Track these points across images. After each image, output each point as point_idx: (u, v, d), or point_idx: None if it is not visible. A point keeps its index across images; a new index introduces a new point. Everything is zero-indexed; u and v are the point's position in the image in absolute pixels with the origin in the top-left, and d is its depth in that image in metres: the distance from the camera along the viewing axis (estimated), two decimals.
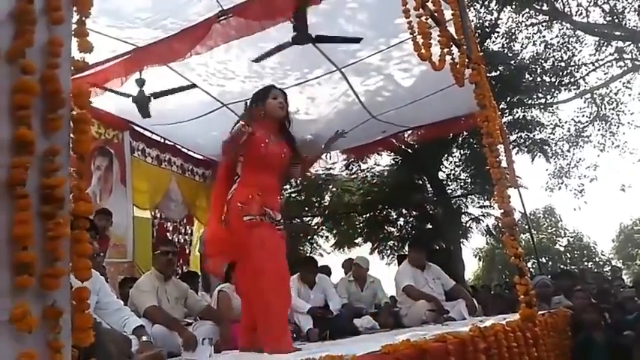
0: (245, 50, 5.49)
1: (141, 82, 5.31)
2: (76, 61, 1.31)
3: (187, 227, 8.09)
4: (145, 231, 7.05)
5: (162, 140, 7.58)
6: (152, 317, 3.86)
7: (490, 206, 14.18)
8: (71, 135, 1.26)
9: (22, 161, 1.11)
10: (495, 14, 15.04)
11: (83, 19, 1.33)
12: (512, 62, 14.17)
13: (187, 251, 7.95)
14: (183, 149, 8.00)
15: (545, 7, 15.91)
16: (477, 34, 9.65)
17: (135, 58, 5.06)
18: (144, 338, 3.26)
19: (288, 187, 14.51)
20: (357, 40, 5.19)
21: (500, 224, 9.75)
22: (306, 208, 15.53)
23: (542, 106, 15.64)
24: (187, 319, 4.46)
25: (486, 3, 14.73)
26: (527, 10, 15.82)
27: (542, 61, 15.92)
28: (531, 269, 12.28)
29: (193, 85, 5.87)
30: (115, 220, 6.36)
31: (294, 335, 4.86)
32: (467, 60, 4.14)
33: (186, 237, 8.03)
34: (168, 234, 7.51)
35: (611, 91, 16.87)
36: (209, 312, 4.45)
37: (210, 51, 5.04)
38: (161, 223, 7.59)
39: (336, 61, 5.93)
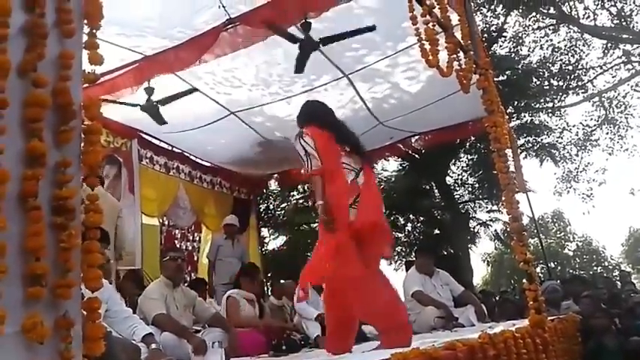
0: (253, 58, 5.52)
1: (150, 91, 5.35)
2: (87, 73, 1.32)
3: (195, 234, 8.12)
4: (153, 239, 7.08)
5: (170, 148, 7.63)
6: (161, 325, 3.86)
7: (498, 211, 14.16)
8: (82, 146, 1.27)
9: (34, 173, 1.12)
10: (502, 18, 15.06)
11: (94, 31, 1.34)
12: (520, 66, 14.16)
13: (195, 258, 7.98)
14: (192, 156, 8.03)
15: (552, 11, 15.90)
16: (483, 39, 9.65)
17: (143, 67, 5.10)
18: (153, 346, 3.27)
19: (295, 193, 14.54)
20: (371, 29, 5.04)
21: (508, 229, 9.70)
22: (314, 214, 15.53)
23: (550, 110, 15.61)
24: (196, 326, 4.47)
25: (493, 7, 14.74)
26: (534, 13, 15.81)
27: (550, 65, 15.90)
28: (540, 274, 12.23)
29: (194, 90, 5.89)
30: (124, 227, 6.40)
31: (302, 342, 4.87)
32: (474, 66, 4.14)
33: (194, 244, 8.07)
34: (176, 241, 7.54)
35: (619, 94, 16.84)
36: (217, 319, 4.46)
37: (217, 59, 5.08)
38: (169, 231, 7.62)
39: (343, 67, 5.95)
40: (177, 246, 7.32)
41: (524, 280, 3.99)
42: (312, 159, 3.32)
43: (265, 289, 8.12)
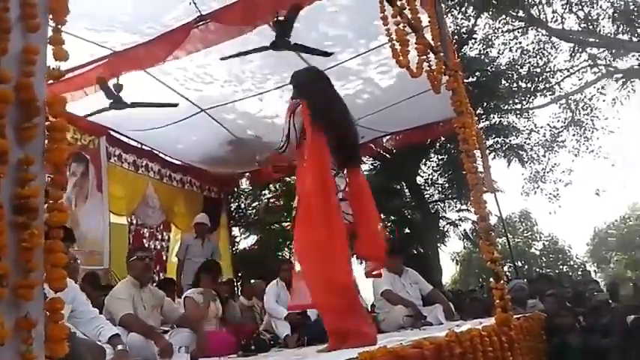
0: (224, 54, 5.48)
1: (118, 88, 5.27)
2: (52, 69, 1.29)
3: (164, 233, 8.04)
4: (121, 237, 6.98)
5: (139, 146, 7.53)
6: (128, 325, 3.81)
7: (467, 210, 14.33)
8: (46, 143, 1.25)
9: None
10: (472, 20, 15.26)
11: (59, 26, 1.32)
12: (489, 68, 14.37)
13: (164, 258, 7.89)
14: (161, 154, 7.94)
15: (521, 14, 16.17)
16: (454, 41, 9.77)
17: (112, 63, 5.02)
18: (119, 347, 3.23)
19: (266, 192, 14.49)
20: (327, 54, 5.30)
21: (477, 228, 9.85)
22: (285, 214, 15.51)
23: (518, 112, 15.88)
24: (164, 326, 4.42)
25: (463, 9, 14.92)
26: (503, 16, 16.05)
27: (519, 67, 16.18)
28: (507, 273, 12.42)
29: (175, 105, 5.86)
30: (91, 226, 6.30)
31: (272, 342, 4.86)
32: (444, 67, 4.19)
33: (163, 243, 7.98)
34: (144, 240, 7.45)
35: (585, 97, 17.20)
36: (186, 320, 4.41)
37: (189, 55, 5.03)
38: (137, 230, 7.52)
39: (315, 64, 5.94)
40: (146, 245, 7.23)
41: (491, 279, 4.04)
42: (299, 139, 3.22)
43: (235, 288, 8.07)
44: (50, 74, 1.31)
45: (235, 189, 11.39)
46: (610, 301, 6.84)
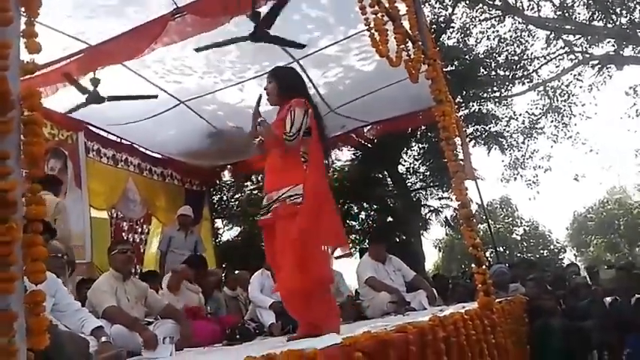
0: (202, 44, 5.44)
1: (95, 82, 5.22)
2: (26, 63, 1.28)
3: (144, 226, 7.98)
4: (103, 231, 6.93)
5: (118, 140, 7.46)
6: (111, 317, 3.80)
7: (449, 198, 14.45)
8: (22, 138, 1.24)
9: None
10: (450, 10, 15.30)
11: (32, 19, 1.31)
12: (467, 57, 14.44)
13: (142, 250, 7.83)
14: (141, 148, 7.88)
15: (497, 2, 16.26)
16: (432, 30, 9.81)
17: (88, 58, 4.96)
18: (103, 339, 3.22)
19: (249, 183, 14.47)
20: (302, 46, 5.34)
21: (458, 215, 9.95)
22: None
23: (497, 100, 16.00)
24: (148, 318, 4.42)
25: None
26: (480, 5, 16.13)
27: (496, 55, 16.27)
28: (489, 258, 12.58)
29: (155, 96, 5.81)
30: (72, 221, 6.24)
31: (257, 331, 4.88)
32: (422, 56, 4.21)
33: (142, 236, 7.92)
34: (124, 234, 7.39)
35: (562, 84, 17.34)
36: (170, 311, 4.41)
37: (166, 47, 4.98)
38: (117, 223, 7.47)
39: (294, 53, 5.93)
40: (125, 238, 7.17)
41: (473, 265, 4.10)
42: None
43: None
44: (24, 68, 1.30)
45: (217, 181, 11.34)
46: (589, 284, 6.96)
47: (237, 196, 15.03)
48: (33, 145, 1.23)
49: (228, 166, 9.39)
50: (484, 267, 4.03)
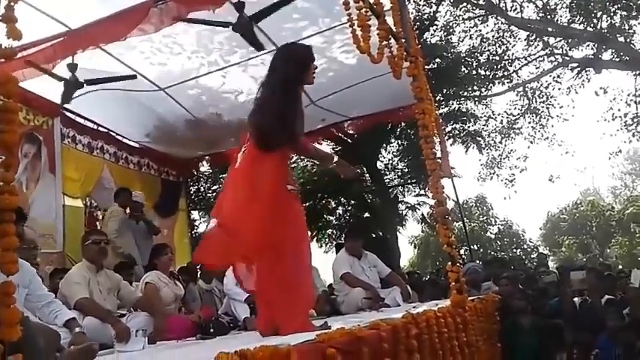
0: (192, 25, 5.37)
1: (73, 67, 5.12)
2: (4, 48, 1.25)
3: None
4: (76, 220, 6.82)
5: (95, 127, 7.34)
6: (84, 309, 3.76)
7: (425, 195, 14.57)
8: None
9: None
10: (434, 7, 15.37)
11: (11, 4, 1.28)
12: (449, 55, 14.53)
13: None
14: (118, 137, 7.76)
15: (481, 2, 16.38)
16: (415, 27, 9.84)
17: (68, 42, 4.85)
18: (77, 330, 3.18)
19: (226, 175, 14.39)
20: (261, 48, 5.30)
21: (434, 213, 10.04)
22: None
23: (476, 99, 16.14)
24: (121, 310, 4.37)
25: None
26: (464, 4, 16.23)
27: (478, 55, 16.43)
28: (463, 256, 12.73)
29: (133, 77, 5.72)
30: (43, 209, 6.14)
31: (231, 324, 4.86)
32: (405, 53, 4.21)
33: None
34: (98, 223, 7.28)
35: (541, 85, 17.57)
36: (143, 303, 4.37)
37: (147, 35, 4.90)
38: (91, 212, 7.37)
39: (279, 40, 5.90)
40: (99, 228, 7.07)
41: (448, 262, 4.13)
42: None
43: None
44: (2, 53, 1.27)
45: (195, 172, 11.24)
46: (558, 283, 7.06)
47: (214, 187, 14.94)
48: (7, 133, 1.21)
49: (207, 157, 9.31)
50: (458, 265, 4.07)
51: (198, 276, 6.67)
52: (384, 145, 14.42)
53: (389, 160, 15.25)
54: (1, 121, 1.24)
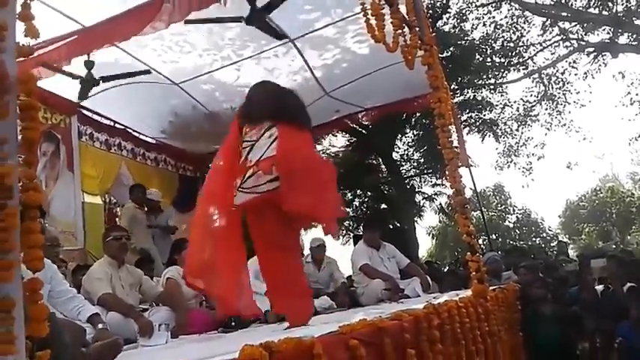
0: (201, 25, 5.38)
1: (89, 65, 5.16)
2: (22, 46, 1.26)
3: None
4: (96, 217, 6.89)
5: (112, 124, 7.40)
6: (106, 304, 3.80)
7: (442, 185, 14.49)
8: (19, 122, 1.22)
9: None
10: None
11: (28, 2, 1.28)
12: (463, 43, 14.39)
13: None
14: (135, 133, 7.82)
15: None
16: (428, 15, 9.75)
17: (82, 40, 4.88)
18: (100, 326, 3.22)
19: None
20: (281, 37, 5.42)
21: (452, 203, 9.99)
22: None
23: (491, 87, 15.97)
24: (142, 305, 4.41)
25: None
26: None
27: (492, 42, 16.22)
28: (482, 246, 12.64)
29: (147, 72, 5.75)
30: (63, 206, 6.21)
31: (252, 318, 4.87)
32: (419, 42, 4.18)
33: None
34: (117, 219, 7.35)
35: (557, 71, 17.31)
36: (164, 298, 4.41)
37: (165, 29, 4.91)
38: (111, 209, 7.44)
39: (292, 31, 5.89)
40: (119, 224, 7.14)
41: (467, 252, 4.11)
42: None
43: None
44: (20, 51, 1.28)
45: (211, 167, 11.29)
46: (579, 271, 6.99)
47: None
48: (30, 131, 1.21)
49: None
50: (478, 255, 4.05)
51: None
52: (400, 135, 14.36)
53: (404, 150, 15.18)
54: (23, 118, 1.25)
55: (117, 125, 7.48)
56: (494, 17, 16.58)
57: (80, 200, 6.60)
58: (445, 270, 9.29)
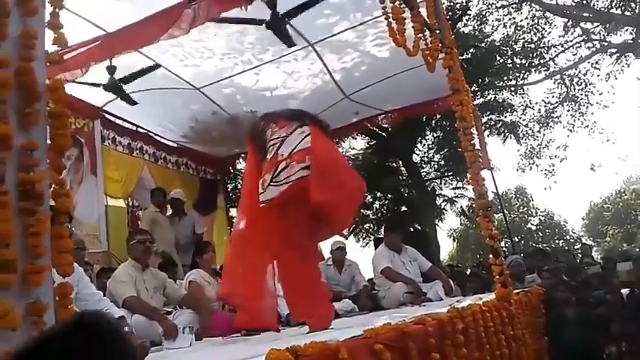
0: (222, 27, 5.41)
1: (112, 70, 5.22)
2: (51, 53, 1.28)
3: None
4: (119, 220, 6.98)
5: (134, 128, 7.48)
6: (131, 307, 3.83)
7: (463, 187, 14.38)
8: (48, 129, 1.24)
9: (0, 157, 1.09)
10: None
11: (57, 10, 1.30)
12: (483, 44, 14.29)
13: None
14: (156, 137, 7.90)
15: None
16: (448, 17, 9.70)
17: (105, 45, 4.95)
18: (125, 329, 3.24)
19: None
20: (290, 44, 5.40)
21: (473, 205, 9.92)
22: None
23: (512, 88, 15.82)
24: (166, 307, 4.45)
25: None
26: None
27: (513, 43, 16.07)
28: (504, 249, 12.53)
29: (157, 66, 5.78)
30: (87, 210, 6.29)
31: None
32: (440, 44, 4.17)
33: None
34: (139, 222, 7.43)
35: (579, 72, 17.08)
36: (188, 300, 4.44)
37: (185, 34, 4.96)
38: (134, 212, 7.52)
39: (311, 36, 5.91)
40: (142, 228, 7.22)
41: (490, 255, 4.08)
42: None
43: None
44: (49, 58, 1.30)
45: (232, 169, 11.34)
46: (603, 274, 6.90)
47: None
48: (60, 137, 1.23)
49: (243, 155, 9.38)
50: (501, 258, 4.01)
51: None
52: (420, 137, 14.29)
53: (425, 152, 15.10)
54: (53, 125, 1.26)
55: (139, 129, 7.56)
56: (514, 18, 16.46)
57: (103, 203, 6.68)
58: (468, 272, 9.20)
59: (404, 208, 14.53)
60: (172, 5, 4.70)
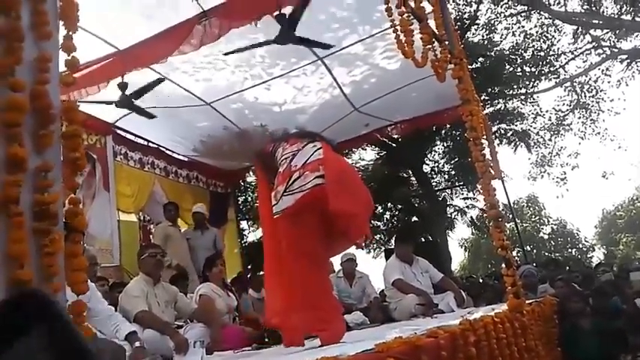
0: (234, 42, 5.46)
1: (123, 86, 5.28)
2: (64, 75, 1.31)
3: None
4: (131, 234, 7.02)
5: (145, 143, 7.54)
6: (143, 322, 3.84)
7: (474, 198, 14.34)
8: (62, 150, 1.26)
9: (15, 179, 1.11)
10: (474, 6, 15.15)
11: (70, 33, 1.33)
12: (493, 53, 14.29)
13: None
14: (167, 152, 7.96)
15: None
16: (457, 27, 9.73)
17: (116, 62, 5.02)
18: (137, 344, 3.26)
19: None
20: (328, 47, 5.44)
21: (484, 215, 9.87)
22: None
23: (522, 97, 15.79)
24: (178, 321, 4.46)
25: None
26: (505, 0, 15.94)
27: (522, 51, 16.08)
28: (516, 258, 12.44)
29: (162, 79, 5.82)
30: (100, 225, 6.34)
31: None
32: (449, 55, 4.17)
33: None
34: (151, 237, 7.47)
35: (590, 79, 17.04)
36: (199, 314, 4.45)
37: (196, 50, 5.01)
38: (145, 226, 7.56)
39: (319, 52, 5.94)
40: (154, 242, 7.25)
41: (502, 265, 4.05)
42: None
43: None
44: (63, 80, 1.32)
45: (242, 182, 11.40)
46: (616, 284, 6.82)
47: None
48: (74, 158, 1.25)
49: (253, 168, 9.42)
50: (513, 268, 3.99)
51: (249, 285, 6.75)
52: (430, 147, 14.28)
53: (435, 162, 15.08)
54: (67, 146, 1.29)
55: (150, 144, 7.63)
56: (523, 27, 16.48)
57: (116, 218, 6.73)
58: (480, 284, 9.15)
59: (415, 219, 14.51)
60: (183, 22, 4.78)
